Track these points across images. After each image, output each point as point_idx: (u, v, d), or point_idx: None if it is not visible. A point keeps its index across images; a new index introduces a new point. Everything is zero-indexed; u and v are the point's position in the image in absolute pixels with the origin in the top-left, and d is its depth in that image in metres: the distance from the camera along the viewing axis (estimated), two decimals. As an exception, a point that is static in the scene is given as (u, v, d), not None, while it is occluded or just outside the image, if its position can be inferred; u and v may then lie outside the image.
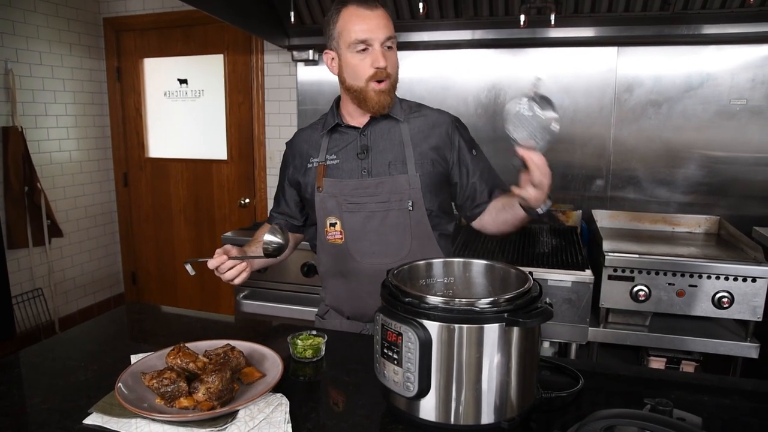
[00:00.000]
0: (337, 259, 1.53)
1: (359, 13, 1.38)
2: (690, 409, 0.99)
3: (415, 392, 0.96)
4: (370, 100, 1.42)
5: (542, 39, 2.69)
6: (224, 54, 3.58)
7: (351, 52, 1.40)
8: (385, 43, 1.39)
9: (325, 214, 1.51)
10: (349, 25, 1.39)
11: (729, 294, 2.05)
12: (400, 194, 1.46)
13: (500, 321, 0.93)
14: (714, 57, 2.62)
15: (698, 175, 2.72)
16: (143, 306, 1.83)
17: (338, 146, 1.52)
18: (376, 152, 1.49)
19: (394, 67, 1.43)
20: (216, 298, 3.92)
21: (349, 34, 1.38)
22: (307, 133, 1.62)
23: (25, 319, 3.45)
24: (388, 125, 1.50)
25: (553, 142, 1.23)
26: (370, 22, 1.37)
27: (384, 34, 1.38)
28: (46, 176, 3.55)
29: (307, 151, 1.58)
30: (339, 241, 1.50)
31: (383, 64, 1.38)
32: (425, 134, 1.50)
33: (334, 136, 1.54)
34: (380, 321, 1.01)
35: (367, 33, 1.37)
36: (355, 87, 1.43)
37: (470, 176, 1.52)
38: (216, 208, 3.81)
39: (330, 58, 1.46)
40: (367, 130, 1.50)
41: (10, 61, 3.30)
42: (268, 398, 1.08)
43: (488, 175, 1.54)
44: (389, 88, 1.43)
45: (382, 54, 1.38)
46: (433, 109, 1.57)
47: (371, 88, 1.41)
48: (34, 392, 1.16)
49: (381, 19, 1.38)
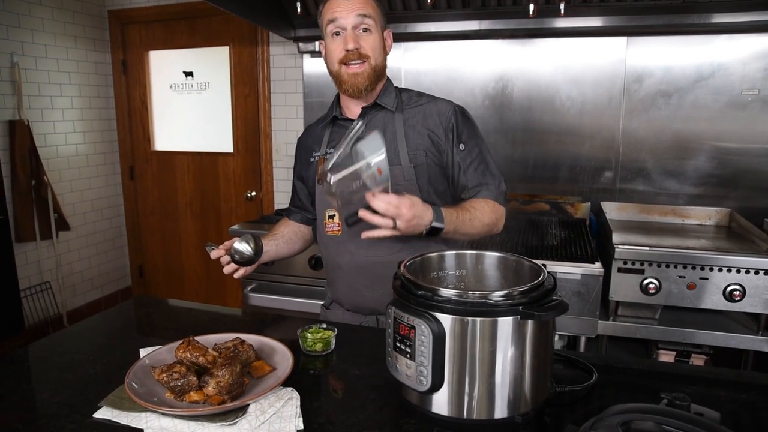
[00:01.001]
0: (335, 251, 1.54)
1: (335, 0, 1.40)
2: (706, 403, 0.97)
3: (428, 386, 0.95)
4: (344, 83, 1.43)
5: (551, 29, 2.66)
6: (230, 46, 3.56)
7: (328, 37, 1.42)
8: (359, 26, 1.39)
9: (324, 207, 1.52)
10: (326, 11, 1.42)
11: (740, 287, 2.02)
12: (395, 186, 1.43)
13: (515, 314, 0.92)
14: (725, 46, 2.59)
15: (709, 166, 2.68)
16: (151, 299, 1.82)
17: (336, 139, 1.53)
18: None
19: (373, 49, 1.42)
20: (223, 292, 3.92)
21: (325, 20, 1.41)
22: (312, 127, 1.64)
23: (34, 312, 3.46)
24: (383, 117, 1.49)
25: (385, 181, 1.21)
26: (342, 6, 1.38)
27: (355, 14, 1.38)
28: (52, 170, 3.55)
29: (311, 145, 1.60)
30: (337, 233, 1.52)
31: (351, 45, 1.38)
32: (419, 125, 1.48)
33: (334, 128, 1.56)
34: (392, 314, 0.99)
35: (338, 14, 1.38)
36: (332, 71, 1.45)
37: (456, 171, 1.49)
38: (222, 201, 3.81)
39: (322, 47, 1.49)
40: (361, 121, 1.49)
41: (16, 54, 3.29)
42: (278, 392, 1.08)
43: (474, 173, 1.49)
44: (365, 70, 1.41)
45: (353, 36, 1.39)
46: (435, 98, 1.54)
47: (344, 71, 1.42)
48: (44, 386, 1.15)
49: (356, 3, 1.39)
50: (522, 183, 2.97)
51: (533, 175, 2.95)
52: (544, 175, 2.93)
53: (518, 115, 2.93)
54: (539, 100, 2.89)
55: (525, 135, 2.94)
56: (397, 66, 3.10)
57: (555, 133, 2.89)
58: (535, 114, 2.91)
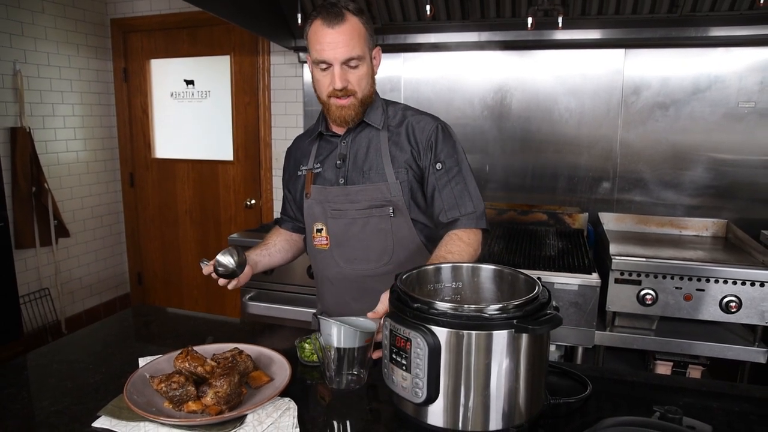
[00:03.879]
0: (323, 264, 1.56)
1: (321, 31, 1.35)
2: (699, 416, 0.98)
3: (424, 398, 0.96)
4: (331, 114, 1.44)
5: (549, 41, 2.69)
6: (231, 55, 3.59)
7: (315, 67, 1.40)
8: (347, 62, 1.36)
9: (313, 220, 1.54)
10: (312, 41, 1.38)
11: (737, 298, 2.03)
12: (380, 201, 1.46)
13: (509, 327, 0.93)
14: (722, 59, 2.61)
15: (706, 178, 2.70)
16: (150, 308, 1.83)
17: (323, 154, 1.55)
18: (353, 160, 1.50)
19: (360, 83, 1.41)
20: (221, 300, 3.93)
21: (312, 51, 1.38)
22: (301, 140, 1.65)
23: (32, 318, 3.46)
24: (368, 133, 1.50)
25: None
26: (330, 42, 1.34)
27: (343, 54, 1.35)
28: (53, 176, 3.56)
29: (299, 158, 1.62)
30: (325, 246, 1.53)
31: (339, 86, 1.37)
32: (403, 141, 1.48)
33: (321, 143, 1.57)
34: (389, 326, 1.01)
35: (326, 53, 1.35)
36: (320, 99, 1.45)
37: (431, 191, 1.47)
38: (222, 208, 3.82)
39: (309, 62, 1.46)
40: (347, 137, 1.51)
41: (19, 62, 3.31)
42: (276, 402, 1.09)
43: (450, 193, 1.45)
44: (352, 104, 1.42)
45: (341, 74, 1.37)
46: (420, 113, 1.53)
47: (332, 103, 1.42)
48: (43, 394, 1.16)
49: (342, 36, 1.34)
50: (520, 193, 2.99)
51: (531, 185, 2.96)
52: (542, 186, 2.95)
53: (516, 125, 2.95)
54: (538, 111, 2.92)
55: (523, 145, 2.96)
56: (396, 75, 3.12)
57: (553, 143, 2.91)
58: (533, 124, 2.93)
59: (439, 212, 1.45)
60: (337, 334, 1.10)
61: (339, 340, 1.10)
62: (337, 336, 1.10)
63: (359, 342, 1.11)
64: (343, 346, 1.11)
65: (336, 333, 1.10)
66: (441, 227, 1.47)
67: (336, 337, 1.10)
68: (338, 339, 1.10)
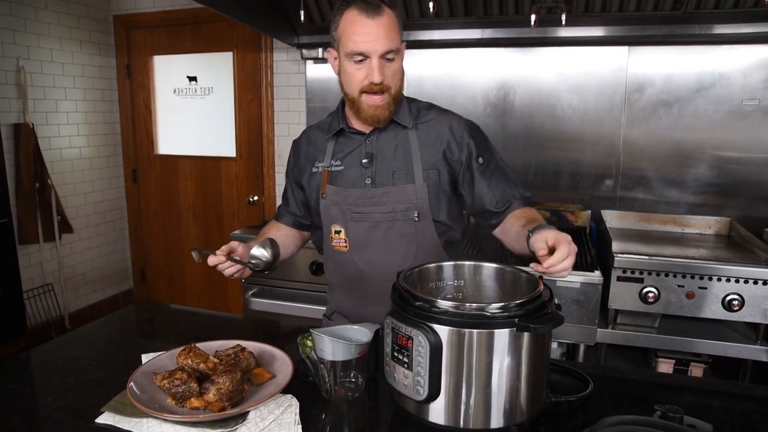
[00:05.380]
0: (342, 266, 1.51)
1: (360, 21, 1.29)
2: (700, 415, 0.98)
3: (425, 396, 0.96)
4: (363, 111, 1.37)
5: (553, 38, 2.68)
6: (233, 51, 3.59)
7: (348, 60, 1.33)
8: (384, 55, 1.31)
9: (330, 222, 1.48)
10: (348, 32, 1.31)
11: (739, 297, 2.03)
12: (406, 204, 1.41)
13: (510, 326, 0.93)
14: (726, 57, 2.60)
15: (709, 175, 2.70)
16: (153, 304, 1.84)
17: (343, 151, 1.47)
18: (381, 160, 1.43)
19: (394, 78, 1.36)
20: (224, 296, 3.94)
21: (347, 42, 1.31)
22: (314, 134, 1.56)
23: (36, 314, 3.48)
24: (394, 131, 1.44)
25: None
26: (370, 33, 1.28)
27: (383, 46, 1.29)
28: (56, 172, 3.57)
29: (312, 153, 1.53)
30: (344, 249, 1.47)
31: (378, 79, 1.31)
32: (434, 141, 1.43)
33: (340, 140, 1.49)
34: (390, 324, 1.01)
35: (365, 45, 1.29)
36: (349, 95, 1.38)
37: (476, 187, 1.43)
38: (224, 205, 3.82)
39: (333, 57, 1.41)
40: (372, 135, 1.44)
41: (22, 58, 3.32)
42: (278, 399, 1.09)
43: (498, 183, 1.44)
44: (387, 102, 1.36)
45: (380, 68, 1.30)
46: (444, 111, 1.50)
47: (364, 100, 1.35)
48: (47, 390, 1.17)
49: (382, 28, 1.28)
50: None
51: (534, 182, 2.96)
52: (545, 183, 2.95)
53: (519, 122, 2.94)
54: (541, 108, 2.91)
55: (526, 142, 2.95)
56: (399, 73, 3.12)
57: (556, 140, 2.91)
58: (536, 122, 2.93)
59: (490, 203, 1.43)
60: (331, 349, 1.08)
61: (333, 354, 1.09)
62: (332, 351, 1.08)
63: (354, 354, 1.10)
64: (337, 359, 1.09)
65: (330, 348, 1.08)
66: (492, 217, 1.44)
67: (330, 351, 1.09)
68: (333, 353, 1.09)
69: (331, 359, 1.09)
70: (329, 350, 1.09)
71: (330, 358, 1.09)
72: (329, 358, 1.09)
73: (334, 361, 1.09)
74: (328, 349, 1.09)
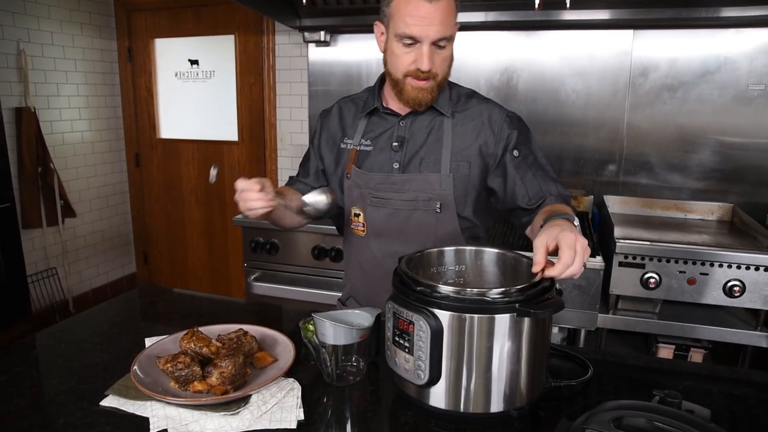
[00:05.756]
0: (357, 249, 1.49)
1: (415, 2, 1.21)
2: (699, 400, 0.99)
3: (426, 380, 0.97)
4: (406, 93, 1.31)
5: (557, 21, 2.65)
6: (235, 35, 3.56)
7: (396, 41, 1.26)
8: (437, 42, 1.25)
9: (351, 203, 1.45)
10: (401, 12, 1.23)
11: (740, 283, 2.03)
12: (429, 194, 1.36)
13: (511, 311, 0.94)
14: (732, 40, 2.57)
15: (713, 161, 2.68)
16: (156, 288, 1.85)
17: (375, 131, 1.42)
18: (412, 145, 1.38)
19: (443, 65, 1.30)
20: (226, 279, 3.96)
21: (399, 23, 1.24)
22: (347, 108, 1.50)
23: (40, 297, 3.50)
24: (430, 117, 1.39)
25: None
26: (425, 18, 1.21)
27: (437, 33, 1.23)
28: (58, 157, 3.57)
29: (342, 128, 1.48)
30: (361, 233, 1.45)
31: (426, 67, 1.25)
32: (469, 132, 1.38)
33: (373, 119, 1.44)
34: (392, 309, 1.02)
35: (417, 29, 1.22)
36: (392, 76, 1.32)
37: (508, 181, 1.38)
38: (227, 189, 3.83)
39: (380, 32, 1.34)
40: (407, 118, 1.40)
41: (22, 41, 3.30)
42: (280, 383, 1.10)
43: (533, 179, 1.37)
44: (431, 86, 1.31)
45: (429, 55, 1.24)
46: (485, 100, 1.43)
47: (408, 83, 1.30)
48: (52, 374, 1.18)
49: (438, 13, 1.21)
50: (525, 175, 2.97)
51: (537, 167, 2.94)
52: (548, 168, 2.94)
53: (523, 106, 2.92)
54: (544, 93, 2.89)
55: (530, 127, 2.92)
56: (402, 56, 3.10)
57: (559, 125, 2.89)
58: (539, 106, 2.91)
59: (523, 199, 1.37)
60: (332, 333, 1.09)
61: (335, 338, 1.10)
62: (334, 335, 1.09)
63: (355, 338, 1.10)
64: (339, 344, 1.10)
65: (331, 332, 1.09)
66: (524, 215, 1.38)
67: (331, 336, 1.09)
68: (334, 337, 1.09)
69: (332, 343, 1.10)
70: (331, 334, 1.10)
71: (332, 343, 1.10)
72: (331, 342, 1.10)
73: (336, 345, 1.10)
74: (330, 333, 1.10)
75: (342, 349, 1.11)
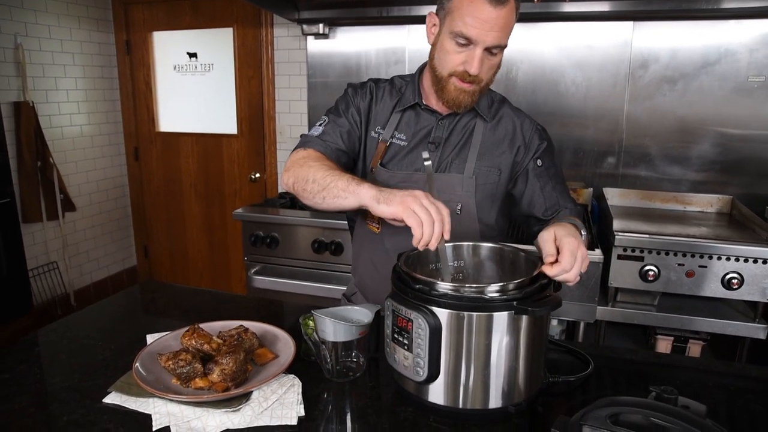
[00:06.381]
0: (370, 246, 1.47)
1: (480, 5, 1.17)
2: (695, 395, 1.00)
3: (425, 377, 0.98)
4: (447, 93, 1.28)
5: (556, 13, 2.63)
6: (234, 27, 3.55)
7: (450, 38, 1.22)
8: (490, 48, 1.21)
9: None
10: (462, 11, 1.18)
11: (739, 275, 2.04)
12: (450, 194, 1.34)
13: (509, 309, 0.94)
14: (733, 32, 2.56)
15: (712, 153, 2.68)
16: (157, 284, 1.86)
17: (411, 127, 1.39)
18: (447, 146, 1.37)
19: (489, 72, 1.27)
20: (227, 273, 3.97)
21: (457, 20, 1.19)
22: (384, 94, 1.43)
23: (42, 291, 3.52)
24: (468, 118, 1.38)
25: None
26: (486, 22, 1.17)
27: (494, 40, 1.19)
28: (58, 151, 3.57)
29: (377, 113, 1.42)
30: (376, 229, 1.42)
31: (475, 72, 1.22)
32: (500, 140, 1.37)
33: (410, 113, 1.41)
34: (391, 307, 1.02)
35: (476, 32, 1.18)
36: (437, 72, 1.29)
37: (528, 188, 1.38)
38: (226, 182, 3.83)
39: (432, 23, 1.30)
40: (446, 119, 1.38)
41: (20, 35, 3.29)
42: (281, 379, 1.11)
43: (552, 191, 1.38)
44: (474, 90, 1.28)
45: (480, 60, 1.21)
46: (516, 110, 1.43)
47: (452, 83, 1.27)
48: (55, 371, 1.19)
49: (500, 20, 1.18)
50: (525, 168, 2.97)
51: (536, 160, 2.95)
52: (547, 160, 2.94)
53: (522, 98, 2.92)
54: (544, 84, 2.88)
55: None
56: (401, 46, 3.10)
57: (559, 117, 2.89)
58: (539, 98, 2.90)
59: (539, 209, 1.38)
60: (332, 330, 1.10)
61: (334, 335, 1.10)
62: (334, 332, 1.10)
63: (355, 335, 1.11)
64: (339, 341, 1.11)
65: (331, 329, 1.10)
66: (537, 224, 1.39)
67: (331, 332, 1.10)
68: (334, 334, 1.10)
69: (332, 340, 1.11)
70: (331, 331, 1.11)
71: (332, 339, 1.11)
72: (331, 339, 1.11)
73: (336, 341, 1.11)
74: (330, 330, 1.10)
75: (342, 346, 1.12)
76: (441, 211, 1.05)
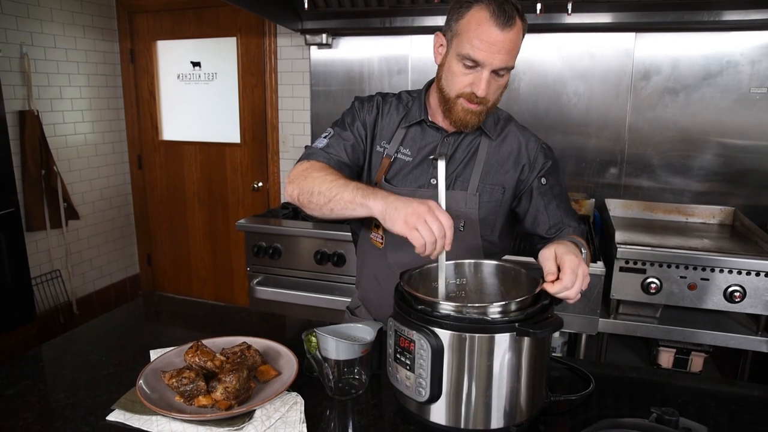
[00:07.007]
0: (374, 261, 1.47)
1: (488, 27, 1.17)
2: (697, 415, 1.00)
3: (427, 397, 0.99)
4: (455, 113, 1.29)
5: (559, 24, 2.65)
6: (237, 37, 3.57)
7: (457, 60, 1.23)
8: (497, 70, 1.22)
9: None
10: (470, 34, 1.19)
11: (741, 288, 2.04)
12: (453, 211, 1.32)
13: (511, 330, 0.95)
14: (735, 43, 2.57)
15: (714, 164, 2.69)
16: (160, 297, 1.87)
17: (416, 143, 1.39)
18: (452, 163, 1.37)
19: (496, 93, 1.28)
20: (230, 282, 3.98)
21: (465, 43, 1.20)
22: (390, 109, 1.43)
23: (45, 299, 3.53)
24: (474, 136, 1.38)
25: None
26: (493, 45, 1.18)
27: (501, 63, 1.20)
28: (62, 159, 3.59)
29: (382, 127, 1.42)
30: (379, 244, 1.42)
31: (482, 94, 1.23)
32: (505, 158, 1.38)
33: (416, 129, 1.40)
34: (393, 327, 1.03)
35: (483, 55, 1.19)
36: (444, 93, 1.29)
37: (532, 206, 1.39)
38: (229, 191, 3.84)
39: (439, 43, 1.30)
40: (452, 137, 1.38)
41: (25, 45, 3.31)
42: (283, 397, 1.12)
43: (556, 210, 1.38)
44: (481, 111, 1.28)
45: (488, 82, 1.21)
46: (521, 128, 1.44)
47: (460, 104, 1.27)
48: (59, 387, 1.20)
49: (507, 44, 1.18)
50: (527, 178, 2.98)
51: (538, 170, 2.95)
52: (549, 171, 2.94)
53: (524, 109, 2.93)
54: (546, 95, 2.89)
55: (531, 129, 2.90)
56: (404, 55, 3.11)
57: (561, 127, 2.90)
58: (541, 108, 2.91)
59: (543, 227, 1.39)
60: (335, 348, 1.10)
61: (337, 353, 1.10)
62: (336, 350, 1.10)
63: (357, 353, 1.11)
64: (341, 359, 1.11)
65: (333, 347, 1.10)
66: (539, 242, 1.39)
67: (334, 350, 1.10)
68: (336, 352, 1.10)
69: (335, 358, 1.11)
70: (333, 350, 1.11)
71: (334, 358, 1.11)
72: (333, 357, 1.11)
73: (338, 360, 1.12)
74: (332, 348, 1.11)
75: (344, 364, 1.12)
76: (444, 225, 1.06)
